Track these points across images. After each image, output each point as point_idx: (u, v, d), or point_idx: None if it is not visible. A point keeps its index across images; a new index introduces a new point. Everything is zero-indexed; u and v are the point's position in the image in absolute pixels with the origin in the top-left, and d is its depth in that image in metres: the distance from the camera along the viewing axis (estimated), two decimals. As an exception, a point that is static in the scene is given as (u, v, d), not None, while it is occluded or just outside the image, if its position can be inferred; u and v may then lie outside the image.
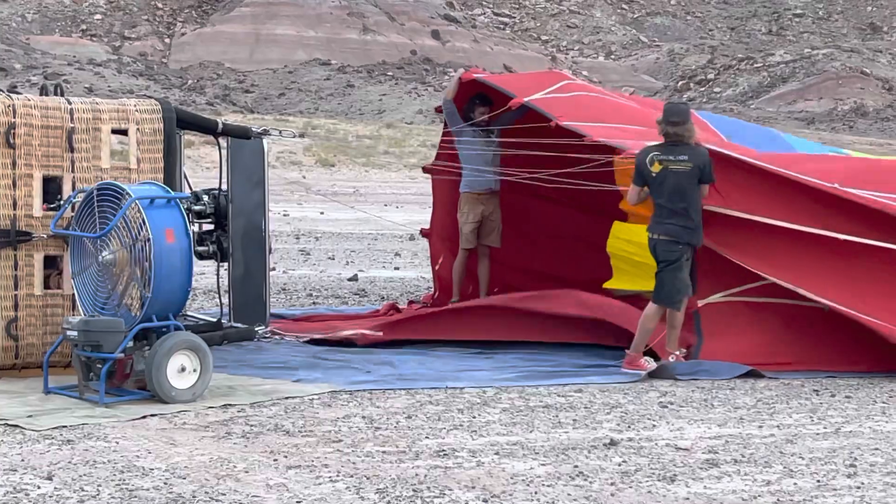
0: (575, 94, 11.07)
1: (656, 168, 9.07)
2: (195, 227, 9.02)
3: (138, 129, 8.75)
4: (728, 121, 12.85)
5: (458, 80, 11.40)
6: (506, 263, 11.63)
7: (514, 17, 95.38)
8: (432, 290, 12.15)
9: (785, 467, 6.39)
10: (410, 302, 12.12)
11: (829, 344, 9.22)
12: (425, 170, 12.39)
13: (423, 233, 12.42)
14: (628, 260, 10.96)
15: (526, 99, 10.65)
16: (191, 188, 9.38)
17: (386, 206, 27.65)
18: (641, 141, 9.71)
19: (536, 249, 11.84)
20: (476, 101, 11.12)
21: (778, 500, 5.79)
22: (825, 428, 7.37)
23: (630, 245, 10.98)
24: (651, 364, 9.01)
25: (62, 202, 8.38)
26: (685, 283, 9.10)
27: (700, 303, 9.26)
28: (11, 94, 8.57)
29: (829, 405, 8.06)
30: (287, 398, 7.95)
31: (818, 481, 6.13)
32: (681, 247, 9.04)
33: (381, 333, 10.09)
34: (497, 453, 6.56)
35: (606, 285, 11.05)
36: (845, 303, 9.01)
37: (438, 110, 12.05)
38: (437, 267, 11.91)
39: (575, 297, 10.03)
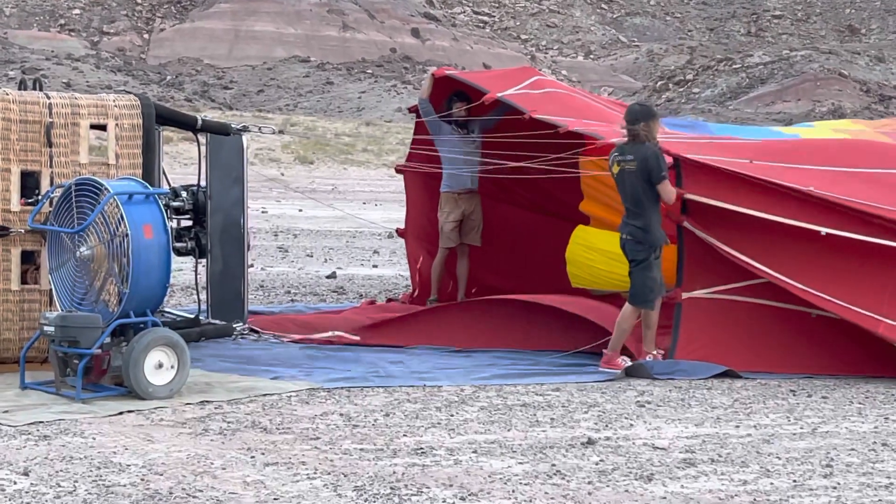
0: (546, 90, 11.14)
1: (616, 169, 9.15)
2: (173, 224, 8.99)
3: (117, 124, 8.72)
4: (702, 124, 12.94)
5: (432, 78, 11.43)
6: (483, 264, 11.66)
7: (494, 16, 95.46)
8: (411, 288, 12.15)
9: (762, 467, 6.41)
10: (389, 300, 12.12)
11: (808, 349, 9.20)
12: (398, 170, 12.41)
13: (399, 233, 12.43)
14: (586, 266, 11.01)
15: (499, 94, 10.73)
16: (169, 184, 9.36)
17: (364, 203, 27.64)
18: (614, 129, 9.77)
19: (511, 252, 11.87)
20: (454, 97, 11.15)
21: (755, 499, 5.81)
22: (802, 428, 7.39)
23: (590, 252, 11.03)
24: (628, 363, 9.02)
25: (40, 197, 8.35)
26: (656, 282, 9.11)
27: (684, 295, 9.26)
28: (-11, 89, 8.53)
29: (806, 405, 8.09)
30: (265, 395, 7.93)
31: (794, 481, 6.15)
32: (646, 246, 9.07)
33: (357, 337, 10.06)
34: (475, 451, 6.56)
35: (575, 285, 11.10)
36: (831, 292, 8.97)
37: (412, 110, 12.07)
38: (417, 265, 11.91)
39: (557, 296, 10.08)
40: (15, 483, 5.72)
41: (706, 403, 8.04)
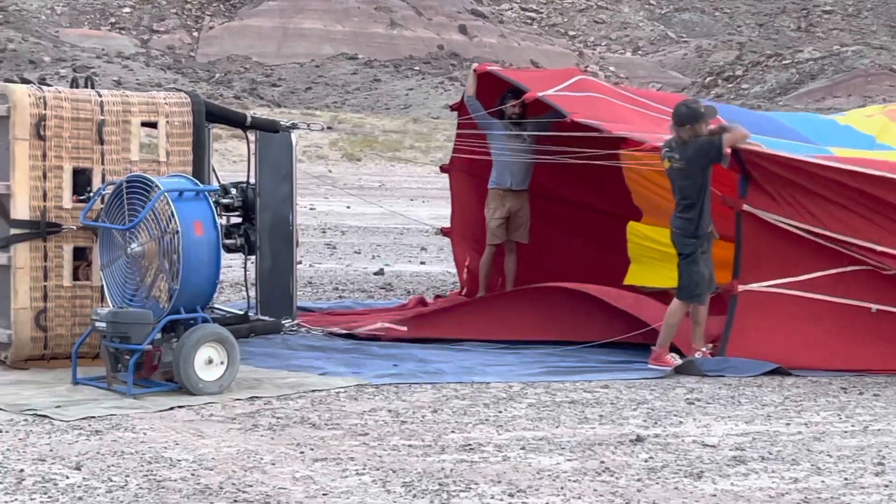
0: (587, 93, 11.07)
1: (666, 164, 9.15)
2: (223, 220, 9.04)
3: (168, 122, 8.78)
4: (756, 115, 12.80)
5: (475, 74, 11.42)
6: (531, 262, 11.65)
7: (542, 13, 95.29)
8: (459, 287, 12.14)
9: (812, 465, 6.37)
10: (437, 296, 12.12)
11: (864, 346, 9.10)
12: (443, 169, 12.41)
13: (444, 232, 12.44)
14: (646, 260, 10.99)
15: (539, 93, 10.70)
16: (219, 181, 9.41)
17: (412, 200, 27.67)
18: (656, 135, 9.74)
19: (561, 250, 11.86)
20: (509, 94, 11.12)
21: (805, 497, 5.78)
22: (853, 426, 7.34)
23: (645, 241, 11.02)
24: (677, 360, 8.99)
25: (92, 194, 8.42)
26: (703, 276, 9.05)
27: (740, 288, 9.19)
28: (42, 87, 8.61)
29: (857, 403, 8.03)
30: (313, 391, 7.96)
31: (846, 479, 6.11)
32: (693, 240, 9.03)
33: (405, 328, 10.06)
34: (523, 448, 6.55)
35: (627, 281, 11.07)
36: None
37: (454, 108, 12.07)
38: (465, 264, 11.90)
39: (604, 289, 10.05)
40: (67, 477, 5.77)
41: (756, 401, 8.00)
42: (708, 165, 9.01)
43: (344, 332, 10.17)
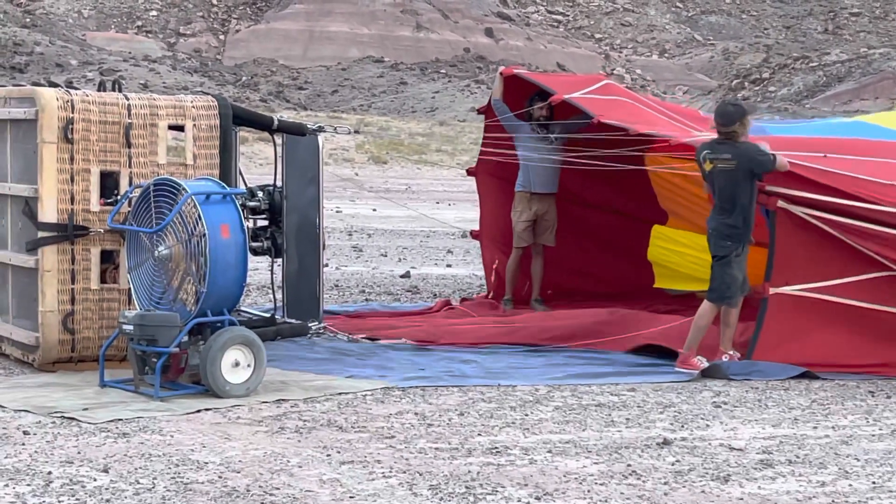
0: (614, 97, 11.07)
1: (708, 167, 9.08)
2: (250, 223, 9.06)
3: (195, 125, 8.80)
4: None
5: (501, 77, 11.41)
6: (558, 265, 11.65)
7: (568, 15, 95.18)
8: (486, 290, 12.11)
9: (840, 468, 6.35)
10: (463, 299, 12.11)
11: (894, 351, 9.05)
12: (469, 172, 12.42)
13: (473, 235, 12.43)
14: (668, 264, 10.97)
15: (566, 96, 10.70)
16: (246, 184, 9.43)
17: (438, 203, 27.67)
18: (687, 133, 9.70)
19: (587, 253, 11.85)
20: (536, 96, 11.12)
21: (833, 501, 5.76)
22: (881, 429, 7.31)
23: (670, 244, 11.00)
24: (704, 363, 8.96)
25: (119, 197, 8.45)
26: (736, 279, 9.01)
27: (772, 290, 9.14)
28: (70, 90, 8.65)
29: (885, 406, 7.99)
30: (340, 394, 7.97)
31: (874, 483, 6.08)
32: (729, 243, 8.99)
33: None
34: (550, 451, 6.55)
35: (657, 285, 11.06)
36: None
37: (481, 111, 12.07)
38: (494, 267, 11.88)
39: (630, 323, 9.96)
40: (95, 480, 5.79)
41: (783, 404, 7.97)
42: (757, 174, 8.95)
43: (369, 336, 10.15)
